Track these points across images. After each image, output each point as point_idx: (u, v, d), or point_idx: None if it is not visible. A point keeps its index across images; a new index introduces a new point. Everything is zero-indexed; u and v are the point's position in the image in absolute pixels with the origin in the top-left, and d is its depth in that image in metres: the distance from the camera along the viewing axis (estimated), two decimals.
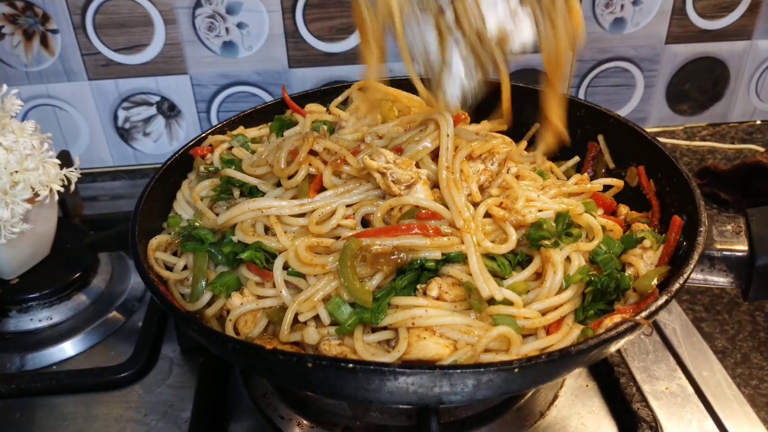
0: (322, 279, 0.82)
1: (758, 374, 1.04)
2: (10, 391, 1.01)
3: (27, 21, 1.46)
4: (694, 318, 1.15)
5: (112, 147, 1.65)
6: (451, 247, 0.82)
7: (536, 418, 0.96)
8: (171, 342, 1.10)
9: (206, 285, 0.89)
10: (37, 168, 1.06)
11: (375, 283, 0.82)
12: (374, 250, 0.81)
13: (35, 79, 1.53)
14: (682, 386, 1.00)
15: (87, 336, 1.12)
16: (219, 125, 1.17)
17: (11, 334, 1.12)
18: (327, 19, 1.52)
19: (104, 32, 1.48)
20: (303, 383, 0.79)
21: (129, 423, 0.97)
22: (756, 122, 1.82)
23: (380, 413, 0.94)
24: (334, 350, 0.80)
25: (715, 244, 0.88)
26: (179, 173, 1.10)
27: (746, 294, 0.90)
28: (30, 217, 1.08)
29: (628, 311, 0.81)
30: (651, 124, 1.78)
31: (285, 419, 0.96)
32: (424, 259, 0.82)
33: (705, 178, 1.49)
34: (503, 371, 0.69)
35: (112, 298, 1.20)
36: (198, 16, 1.49)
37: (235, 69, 1.57)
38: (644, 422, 0.91)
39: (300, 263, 0.83)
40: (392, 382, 0.69)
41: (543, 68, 0.94)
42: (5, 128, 1.07)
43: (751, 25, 1.66)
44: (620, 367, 0.99)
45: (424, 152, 0.91)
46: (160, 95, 1.58)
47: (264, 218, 0.90)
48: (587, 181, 1.01)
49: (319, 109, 1.21)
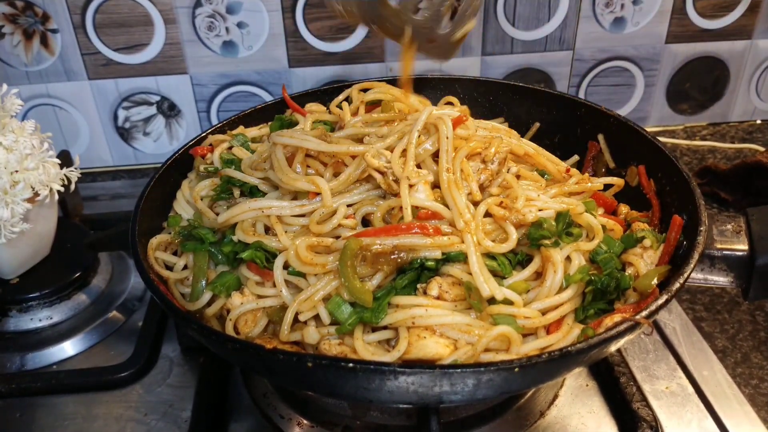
0: (323, 278, 0.82)
1: (758, 374, 1.04)
2: (10, 391, 1.01)
3: (27, 20, 1.46)
4: (694, 317, 1.15)
5: (112, 146, 1.65)
6: (451, 247, 0.82)
7: (536, 417, 0.96)
8: (171, 342, 1.10)
9: (206, 284, 0.89)
10: (37, 167, 1.06)
11: (375, 283, 0.82)
12: (374, 250, 0.81)
13: (35, 79, 1.53)
14: (683, 386, 1.00)
15: (87, 336, 1.12)
16: (219, 125, 1.17)
17: (11, 334, 1.12)
18: (327, 18, 1.52)
19: (104, 32, 1.48)
20: (303, 383, 0.79)
21: (129, 423, 0.97)
22: (756, 122, 1.82)
23: (380, 413, 0.94)
24: (335, 350, 0.80)
25: (716, 244, 0.88)
26: (179, 173, 1.10)
27: (746, 293, 0.90)
28: (30, 217, 1.08)
29: (628, 311, 0.81)
30: (651, 123, 1.78)
31: (285, 419, 0.96)
32: (425, 259, 0.82)
33: (705, 178, 1.49)
34: (503, 371, 0.69)
35: (112, 297, 1.20)
36: (198, 16, 1.49)
37: (235, 68, 1.57)
38: (644, 422, 0.91)
39: (300, 262, 0.83)
40: (392, 382, 0.69)
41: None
42: (5, 128, 1.07)
43: (751, 24, 1.66)
44: (620, 366, 0.99)
45: (426, 155, 0.91)
46: (160, 95, 1.58)
47: (264, 218, 0.90)
48: (588, 180, 1.01)
49: (320, 109, 1.21)
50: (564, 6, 1.57)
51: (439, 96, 1.26)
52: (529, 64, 1.64)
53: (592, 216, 0.91)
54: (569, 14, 1.58)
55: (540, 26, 1.59)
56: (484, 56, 1.61)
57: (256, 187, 0.97)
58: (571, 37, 1.61)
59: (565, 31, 1.60)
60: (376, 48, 1.57)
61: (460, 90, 1.28)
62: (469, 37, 1.57)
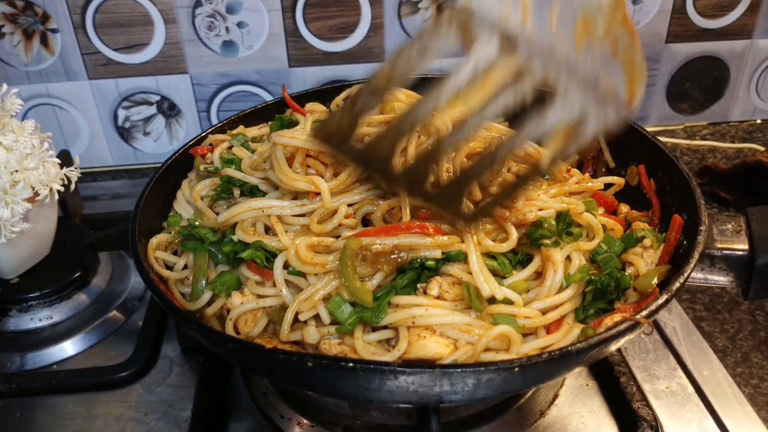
0: (323, 278, 0.82)
1: (758, 373, 1.04)
2: (10, 391, 1.01)
3: (27, 20, 1.46)
4: (694, 317, 1.15)
5: (112, 146, 1.65)
6: (451, 246, 0.82)
7: (536, 417, 0.96)
8: (171, 341, 1.10)
9: (206, 284, 0.89)
10: (37, 167, 1.06)
11: (375, 283, 0.82)
12: (374, 250, 0.81)
13: (35, 79, 1.53)
14: (683, 385, 1.00)
15: (87, 335, 1.12)
16: (219, 124, 1.17)
17: (11, 334, 1.12)
18: (327, 18, 1.52)
19: (104, 31, 1.48)
20: (303, 383, 0.79)
21: (129, 422, 0.97)
22: (756, 121, 1.81)
23: (380, 412, 0.94)
24: (335, 349, 0.79)
25: (716, 243, 0.88)
26: (179, 172, 1.09)
27: (746, 293, 0.89)
28: (30, 217, 1.08)
29: (628, 310, 0.81)
30: (651, 123, 1.78)
31: (285, 418, 0.96)
32: (425, 258, 0.82)
33: (705, 178, 1.48)
34: (504, 370, 0.69)
35: (113, 297, 1.20)
36: (198, 16, 1.49)
37: (235, 68, 1.57)
38: (644, 421, 0.91)
39: (300, 262, 0.83)
40: (392, 382, 0.69)
41: None
42: (5, 127, 1.07)
43: (751, 24, 1.65)
44: (620, 366, 0.99)
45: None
46: (160, 94, 1.58)
47: (265, 218, 0.90)
48: (588, 180, 1.00)
49: (320, 109, 1.21)
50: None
51: None
52: None
53: (592, 215, 0.91)
54: None
55: None
56: None
57: (256, 187, 0.96)
58: None
59: None
60: (377, 48, 1.57)
61: None
62: None
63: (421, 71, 0.78)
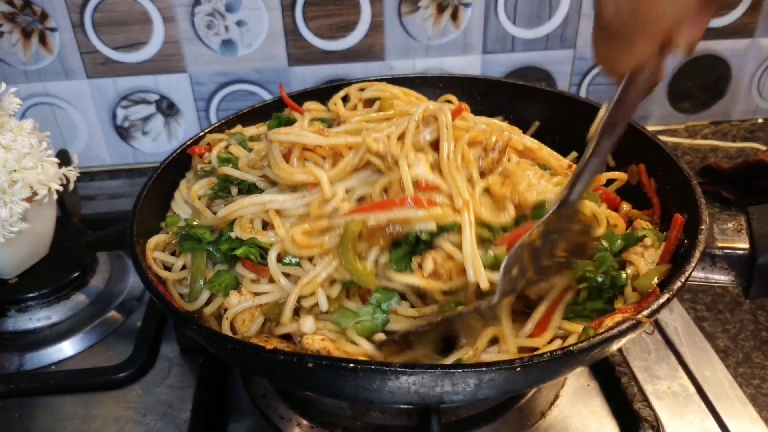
0: (320, 261, 0.83)
1: (760, 374, 1.03)
2: (8, 391, 1.01)
3: (25, 19, 1.45)
4: (695, 317, 1.14)
5: (111, 146, 1.64)
6: (446, 218, 0.82)
7: (537, 417, 0.96)
8: (170, 342, 1.10)
9: (204, 284, 0.89)
10: (35, 167, 1.06)
11: (372, 258, 0.82)
12: (370, 225, 0.82)
13: (34, 78, 1.52)
14: (684, 386, 1.00)
15: (86, 336, 1.12)
16: (217, 124, 1.17)
17: (10, 334, 1.12)
18: (326, 16, 1.52)
19: (103, 30, 1.48)
20: (303, 383, 0.79)
21: (128, 423, 0.96)
22: (758, 120, 1.81)
23: (380, 413, 0.93)
24: (317, 345, 0.79)
25: (717, 243, 0.88)
26: (178, 172, 1.09)
27: (747, 292, 0.89)
28: (28, 216, 1.07)
29: (629, 310, 0.80)
30: (653, 122, 1.78)
31: (285, 419, 0.96)
32: (419, 231, 0.82)
33: (707, 177, 1.48)
34: (505, 370, 0.69)
35: (111, 297, 1.20)
36: (197, 14, 1.49)
37: (234, 67, 1.56)
38: (646, 422, 0.91)
39: (297, 247, 0.83)
40: (393, 382, 0.69)
41: None
42: (3, 127, 1.07)
43: (753, 23, 1.65)
44: (621, 366, 0.99)
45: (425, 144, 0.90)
46: (159, 94, 1.58)
47: (264, 213, 0.90)
48: None
49: (317, 107, 1.21)
50: (565, 4, 1.56)
51: (438, 94, 1.25)
52: (529, 62, 1.63)
53: (594, 205, 0.91)
54: (570, 12, 1.57)
55: (541, 24, 1.58)
56: (485, 54, 1.60)
57: (254, 185, 0.96)
58: (572, 36, 1.61)
59: (566, 30, 1.59)
60: (377, 46, 1.57)
61: (460, 88, 1.28)
62: (469, 35, 1.57)
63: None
